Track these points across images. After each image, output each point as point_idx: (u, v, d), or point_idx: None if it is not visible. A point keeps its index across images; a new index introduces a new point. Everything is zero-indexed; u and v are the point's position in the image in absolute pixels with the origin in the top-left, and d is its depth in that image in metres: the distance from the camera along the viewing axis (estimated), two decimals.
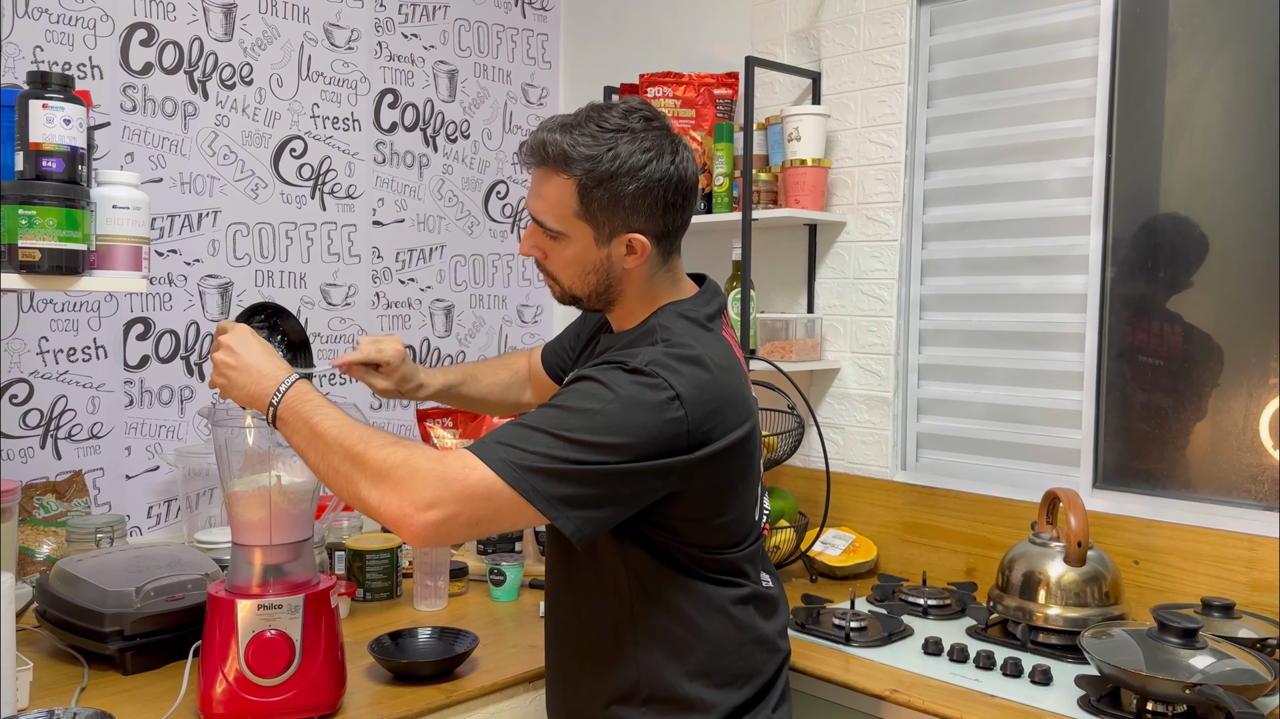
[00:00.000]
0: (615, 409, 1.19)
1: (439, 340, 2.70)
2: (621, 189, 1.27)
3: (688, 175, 1.32)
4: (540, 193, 1.32)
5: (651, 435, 1.19)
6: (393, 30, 2.56)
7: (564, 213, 1.31)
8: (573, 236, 1.32)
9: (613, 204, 1.28)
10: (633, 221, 1.30)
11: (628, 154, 1.27)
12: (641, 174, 1.28)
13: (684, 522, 1.29)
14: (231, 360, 1.33)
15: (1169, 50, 1.96)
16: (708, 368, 1.26)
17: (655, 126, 1.30)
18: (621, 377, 1.22)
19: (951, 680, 1.62)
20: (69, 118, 1.33)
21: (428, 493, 1.16)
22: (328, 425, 1.24)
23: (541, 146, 1.29)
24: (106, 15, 2.08)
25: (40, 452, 2.04)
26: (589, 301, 1.39)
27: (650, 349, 1.26)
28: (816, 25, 2.38)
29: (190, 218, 2.23)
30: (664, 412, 1.20)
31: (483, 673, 1.62)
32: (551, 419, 1.20)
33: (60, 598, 1.61)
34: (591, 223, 1.30)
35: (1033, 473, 2.13)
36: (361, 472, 1.20)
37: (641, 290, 1.37)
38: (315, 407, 1.27)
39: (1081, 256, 2.05)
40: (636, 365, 1.22)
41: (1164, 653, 1.50)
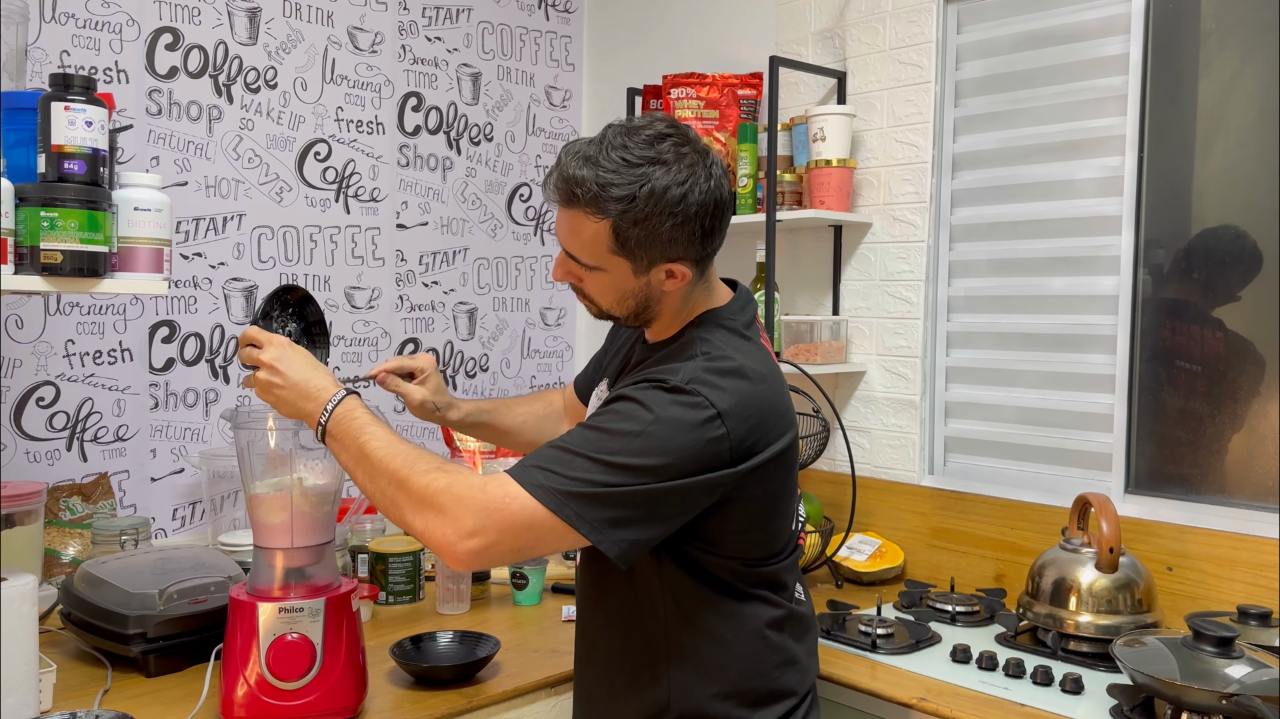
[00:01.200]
0: (655, 430, 1.18)
1: (462, 343, 2.69)
2: (658, 226, 1.24)
3: (723, 195, 1.29)
4: (573, 230, 1.28)
5: (693, 454, 1.18)
6: (416, 33, 2.56)
7: (598, 250, 1.27)
8: (609, 269, 1.29)
9: (650, 240, 1.25)
10: (671, 252, 1.27)
11: (662, 189, 1.23)
12: (679, 210, 1.24)
13: (729, 534, 1.28)
14: (277, 380, 1.30)
15: (1202, 47, 1.92)
16: (749, 379, 1.24)
17: (686, 152, 1.26)
18: (661, 396, 1.20)
19: (980, 689, 1.59)
20: (91, 120, 1.33)
21: (470, 521, 1.16)
22: (375, 446, 1.23)
23: (569, 187, 1.25)
24: (132, 20, 2.09)
25: (66, 454, 2.05)
26: (626, 321, 1.38)
27: (690, 364, 1.24)
28: (842, 24, 2.36)
29: (215, 221, 2.24)
30: (705, 430, 1.19)
31: (504, 677, 1.61)
32: (590, 442, 1.19)
33: (84, 600, 1.62)
34: (629, 258, 1.27)
35: (1063, 478, 2.09)
36: (406, 497, 1.20)
37: (679, 306, 1.36)
38: (363, 424, 1.26)
39: (1113, 257, 2.02)
40: (676, 384, 1.21)
41: (1199, 662, 1.47)
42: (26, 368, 1.99)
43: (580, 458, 1.18)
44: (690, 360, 1.26)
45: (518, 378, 2.82)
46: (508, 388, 2.79)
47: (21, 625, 1.34)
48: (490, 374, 2.76)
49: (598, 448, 1.18)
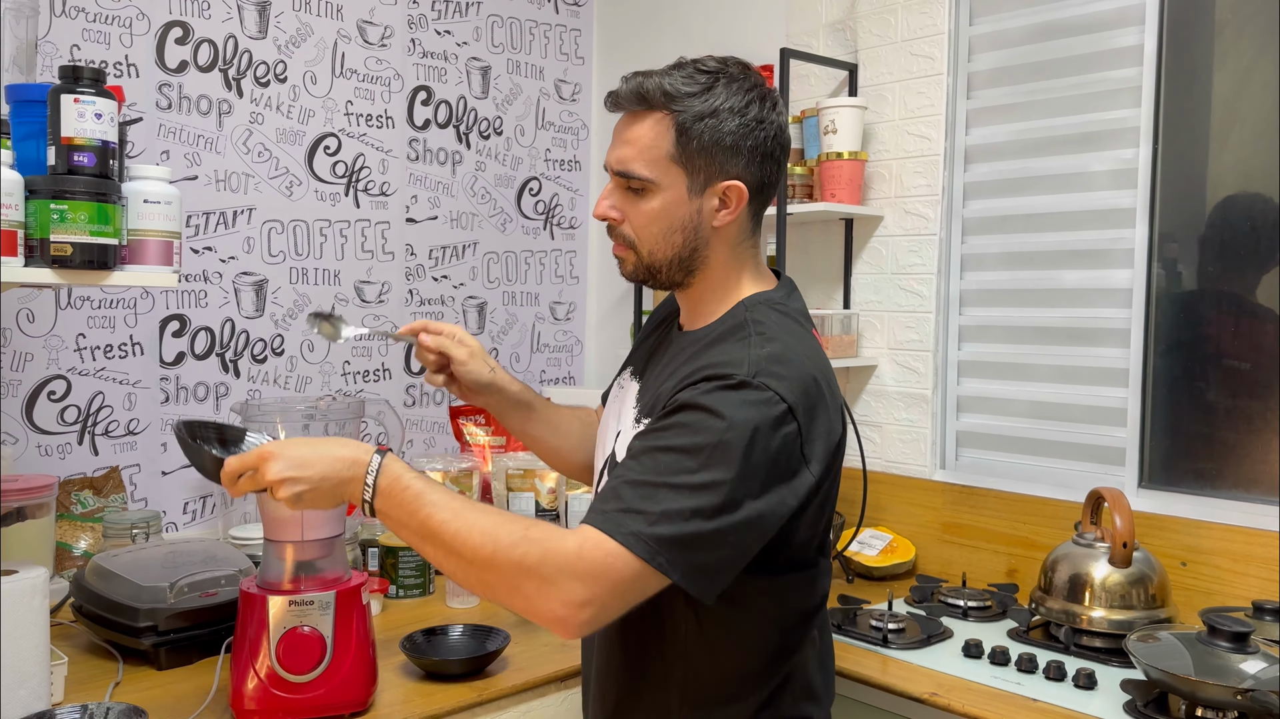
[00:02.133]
0: (734, 438, 1.08)
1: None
2: (722, 126, 1.19)
3: (784, 130, 1.25)
4: (630, 138, 1.22)
5: (773, 457, 1.10)
6: (426, 27, 2.55)
7: (657, 155, 1.20)
8: (664, 184, 1.21)
9: (714, 143, 1.19)
10: (731, 166, 1.20)
11: (728, 94, 1.19)
12: (745, 113, 1.19)
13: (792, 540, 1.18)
14: (301, 486, 1.16)
15: (1217, 39, 1.91)
16: (809, 370, 1.16)
17: (753, 76, 1.23)
18: (730, 396, 1.10)
19: (992, 684, 1.58)
20: (100, 112, 1.33)
21: (580, 591, 1.06)
22: (442, 519, 1.11)
23: (639, 86, 1.20)
24: (142, 14, 2.09)
25: (78, 448, 2.05)
26: (667, 272, 1.26)
27: (751, 353, 1.14)
28: (853, 16, 2.35)
29: (225, 215, 2.24)
30: (781, 427, 1.10)
31: (514, 671, 1.61)
32: (668, 466, 1.09)
33: (96, 593, 1.62)
34: (687, 166, 1.20)
35: (1076, 472, 2.08)
36: (498, 576, 1.09)
37: (726, 262, 1.26)
38: (417, 493, 1.13)
39: (1127, 250, 2.00)
40: (743, 378, 1.11)
41: (1214, 657, 1.46)
42: (38, 361, 2.00)
43: (661, 489, 1.07)
44: (748, 346, 1.16)
45: (527, 372, 2.81)
46: None
47: (33, 618, 1.34)
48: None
49: (678, 471, 1.08)
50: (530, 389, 1.53)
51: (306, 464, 1.16)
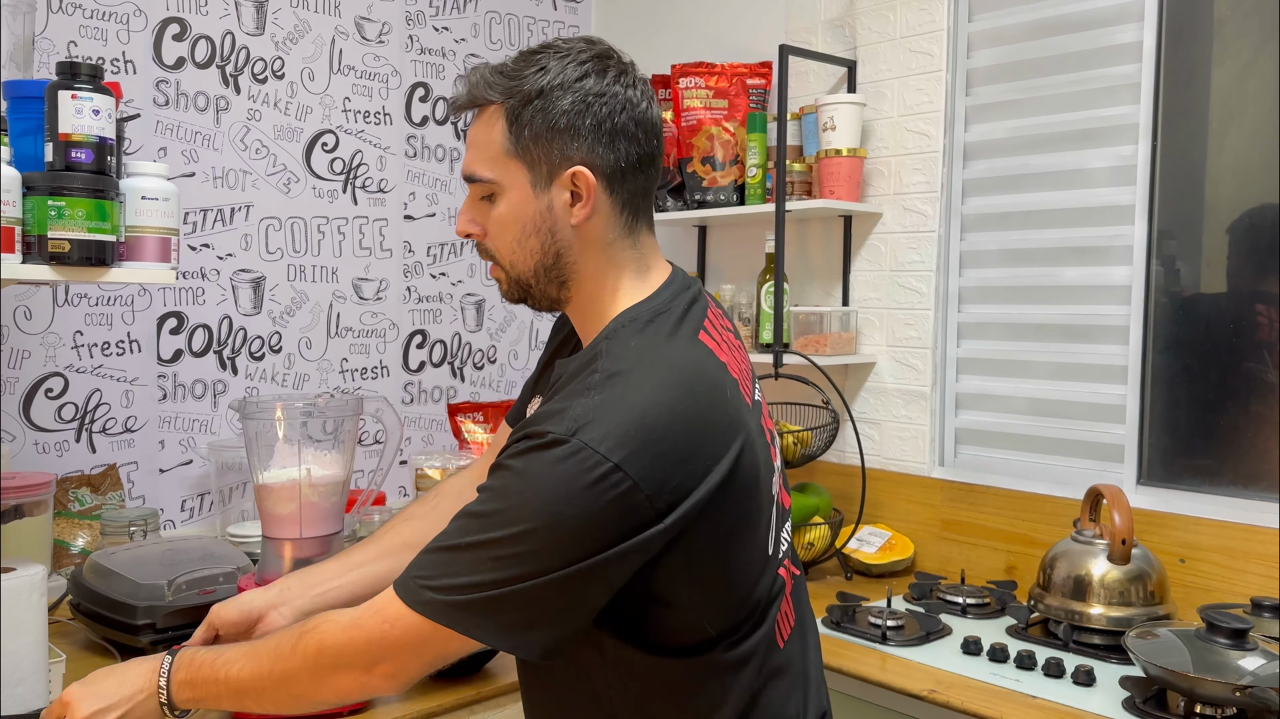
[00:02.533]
0: (541, 507, 0.95)
1: (470, 335, 2.69)
2: (553, 105, 1.05)
3: (636, 104, 1.08)
4: (473, 140, 1.10)
5: (600, 523, 0.95)
6: (423, 23, 2.55)
7: (494, 152, 1.07)
8: (506, 184, 1.08)
9: (547, 127, 1.05)
10: (573, 149, 1.06)
11: (558, 69, 1.06)
12: (577, 86, 1.05)
13: (681, 588, 1.02)
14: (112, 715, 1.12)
15: (1216, 35, 1.91)
16: (660, 402, 0.98)
17: (595, 47, 1.09)
18: (539, 458, 0.96)
19: (991, 681, 1.58)
20: (98, 108, 1.32)
21: (362, 657, 1.02)
22: (234, 672, 1.08)
23: (466, 83, 1.10)
24: (139, 10, 2.09)
25: (75, 445, 2.05)
26: (538, 286, 1.12)
27: (580, 400, 0.99)
28: (852, 12, 2.35)
29: (223, 212, 2.23)
30: (605, 491, 0.94)
31: (513, 668, 1.60)
32: (471, 531, 0.98)
33: (93, 590, 1.62)
34: (525, 158, 1.06)
35: (1075, 469, 2.08)
36: (301, 684, 1.06)
37: (599, 267, 1.10)
38: (204, 660, 1.11)
39: (1125, 247, 2.00)
40: (556, 436, 0.96)
41: (1212, 654, 1.46)
42: (35, 359, 1.99)
43: (464, 552, 0.98)
44: (583, 391, 1.00)
45: (526, 369, 2.81)
46: (515, 379, 2.78)
47: (31, 615, 1.34)
48: (499, 365, 2.75)
49: (479, 538, 0.97)
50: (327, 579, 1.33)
51: (107, 696, 1.13)
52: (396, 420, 1.58)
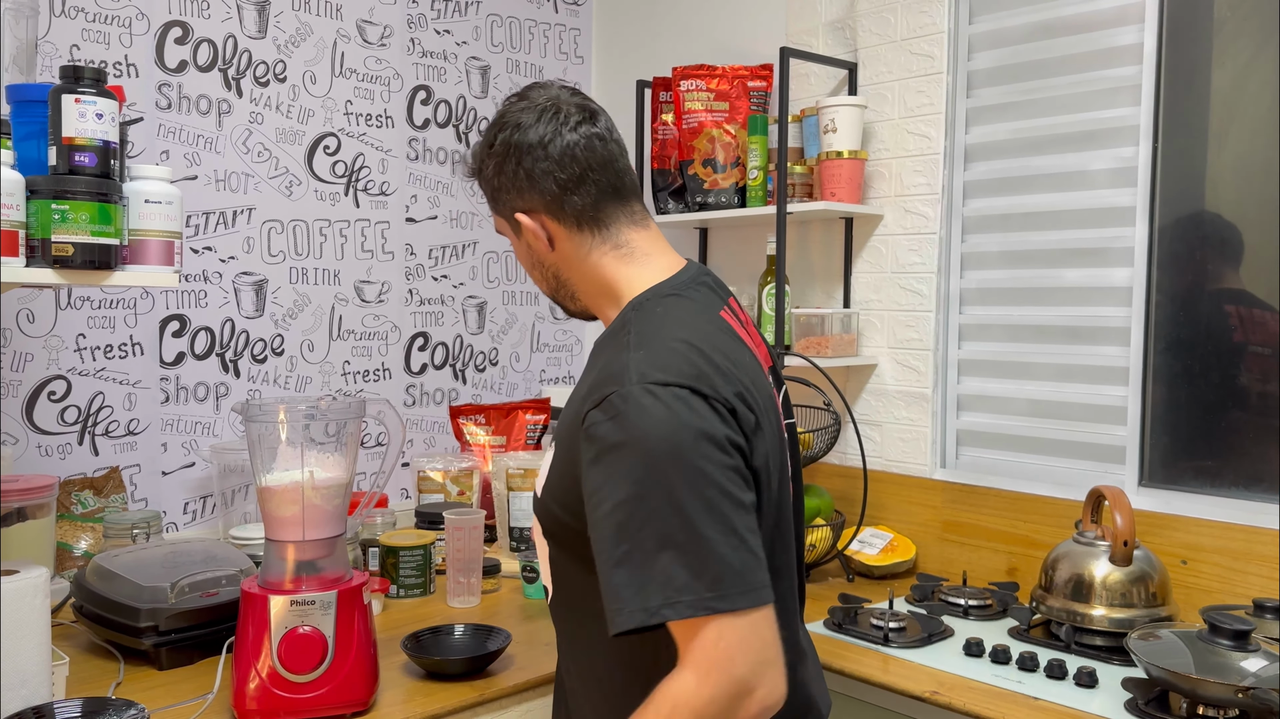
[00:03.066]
0: (663, 454, 1.01)
1: (472, 337, 2.69)
2: (488, 175, 1.26)
3: (547, 139, 1.20)
4: None
5: (706, 437, 1.03)
6: (425, 26, 2.55)
7: (490, 210, 1.36)
8: (505, 234, 1.31)
9: (491, 190, 1.27)
10: (511, 201, 1.24)
11: (484, 143, 1.26)
12: (494, 151, 1.24)
13: None
14: None
15: (1216, 37, 1.91)
16: (697, 332, 1.12)
17: (528, 106, 1.23)
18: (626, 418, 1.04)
19: (993, 682, 1.58)
20: (101, 112, 1.33)
21: (736, 692, 1.00)
22: None
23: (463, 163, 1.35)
24: (142, 14, 2.09)
25: (78, 448, 2.05)
26: (562, 302, 1.31)
27: (621, 358, 1.09)
28: (853, 15, 2.35)
29: (225, 215, 2.23)
30: (694, 412, 1.04)
31: (516, 671, 1.61)
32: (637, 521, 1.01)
33: (96, 593, 1.62)
34: (500, 215, 1.28)
35: (1076, 470, 2.08)
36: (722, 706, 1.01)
37: (591, 274, 1.24)
38: None
39: (1127, 249, 2.00)
40: (624, 391, 1.05)
41: (1214, 655, 1.46)
42: (38, 362, 2.00)
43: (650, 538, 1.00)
44: (622, 350, 1.11)
45: (527, 372, 2.81)
46: (517, 381, 2.79)
47: (34, 618, 1.34)
48: (500, 368, 2.75)
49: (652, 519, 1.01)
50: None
51: None
52: (399, 423, 1.58)
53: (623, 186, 1.25)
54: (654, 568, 1.00)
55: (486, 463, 2.41)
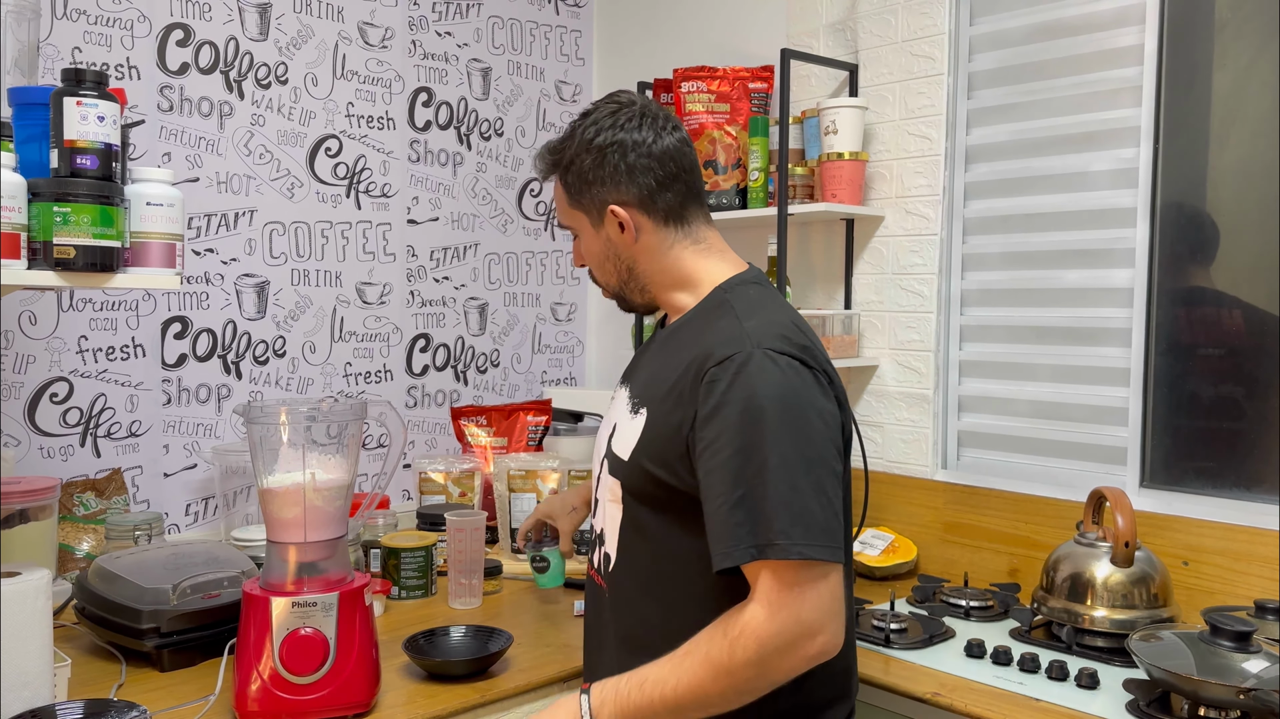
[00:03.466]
0: (778, 412, 1.17)
1: (473, 339, 2.69)
2: (583, 165, 1.35)
3: (649, 141, 1.34)
4: (555, 196, 1.44)
5: (812, 402, 1.20)
6: (426, 28, 2.55)
7: (564, 206, 1.41)
8: (579, 228, 1.40)
9: (583, 183, 1.36)
10: (605, 194, 1.35)
11: (583, 134, 1.35)
12: (594, 145, 1.34)
13: None
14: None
15: (1217, 38, 1.91)
16: (794, 319, 1.29)
17: (615, 108, 1.36)
18: (744, 377, 1.18)
19: (995, 684, 1.58)
20: (103, 115, 1.33)
21: (800, 632, 1.15)
22: (670, 691, 1.18)
23: (537, 159, 1.42)
24: (144, 16, 2.10)
25: (80, 450, 2.05)
26: (627, 295, 1.42)
27: (730, 326, 1.24)
28: (853, 16, 2.35)
29: (227, 217, 2.24)
30: (804, 378, 1.20)
31: (517, 672, 1.61)
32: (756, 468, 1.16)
33: (98, 595, 1.62)
34: (582, 208, 1.38)
35: (1078, 471, 2.08)
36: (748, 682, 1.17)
37: (668, 268, 1.38)
38: (626, 698, 1.21)
39: (1128, 250, 2.00)
40: (742, 352, 1.20)
41: (1216, 656, 1.46)
42: (40, 364, 2.00)
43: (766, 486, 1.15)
44: (728, 321, 1.26)
45: (529, 373, 2.82)
46: (519, 383, 2.79)
47: (36, 620, 1.34)
48: (501, 369, 2.76)
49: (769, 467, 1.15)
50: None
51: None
52: (400, 424, 1.58)
53: (702, 190, 1.40)
54: (762, 512, 1.15)
55: (488, 464, 2.41)
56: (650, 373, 1.35)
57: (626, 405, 1.37)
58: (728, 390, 1.19)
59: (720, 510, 1.17)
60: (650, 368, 1.37)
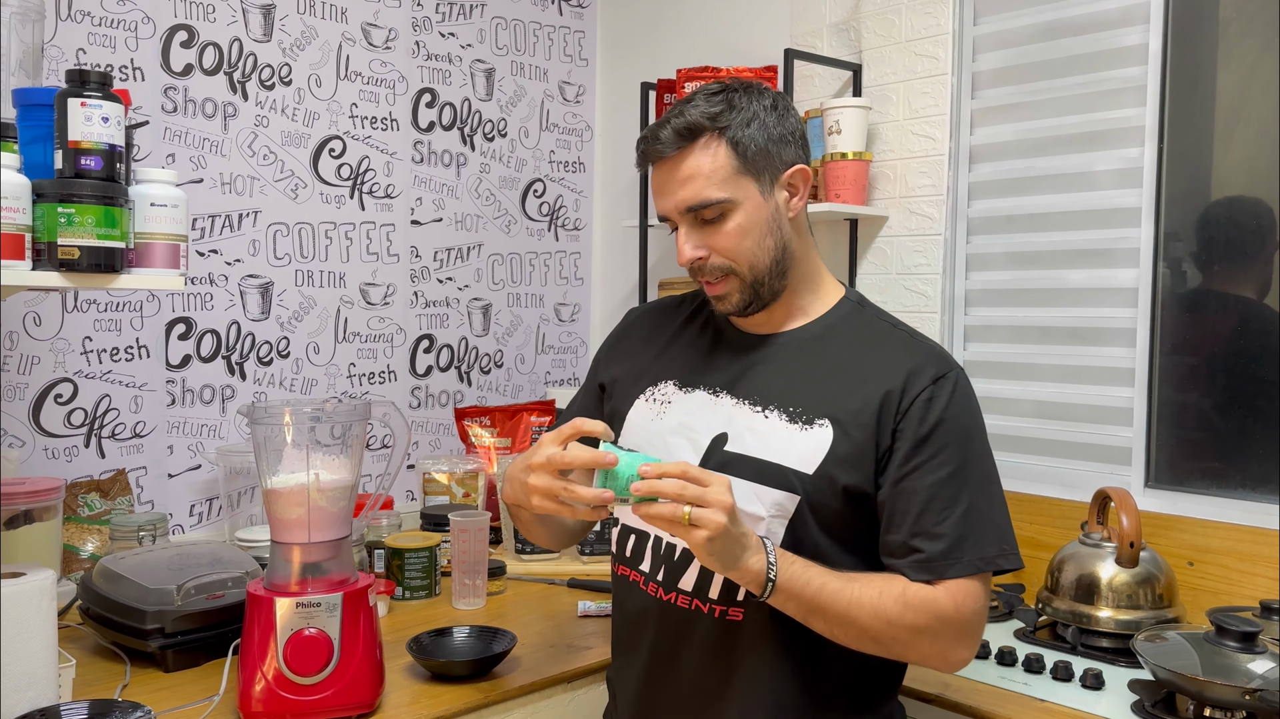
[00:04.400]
0: (979, 426, 1.29)
1: (477, 339, 2.69)
2: (765, 124, 1.28)
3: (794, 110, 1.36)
4: (688, 173, 1.27)
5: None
6: (430, 29, 2.56)
7: (725, 174, 1.27)
8: (740, 199, 1.27)
9: (767, 141, 1.28)
10: (787, 155, 1.30)
11: (749, 99, 1.29)
12: (774, 109, 1.30)
13: None
14: (733, 529, 1.15)
15: (1222, 37, 1.91)
16: None
17: (762, 87, 1.34)
18: (958, 393, 1.27)
19: (1000, 684, 1.58)
20: (107, 115, 1.33)
21: (961, 632, 1.25)
22: (830, 593, 1.20)
23: (677, 124, 1.27)
24: (148, 18, 2.10)
25: (84, 450, 2.06)
26: (769, 283, 1.31)
27: (922, 345, 1.32)
28: (857, 16, 2.35)
29: (231, 218, 2.24)
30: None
31: (521, 672, 1.61)
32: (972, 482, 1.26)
33: (103, 595, 1.62)
34: (753, 172, 1.28)
35: (1082, 472, 2.08)
36: (893, 635, 1.22)
37: (805, 251, 1.36)
38: (810, 576, 1.21)
39: (1132, 249, 2.00)
40: (954, 372, 1.28)
41: (1221, 657, 1.45)
42: (44, 365, 2.00)
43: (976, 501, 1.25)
44: (907, 338, 1.33)
45: (532, 374, 2.82)
46: (522, 383, 2.79)
47: (41, 620, 1.34)
48: (505, 370, 2.76)
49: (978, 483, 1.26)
50: None
51: (736, 518, 1.17)
52: (404, 425, 1.58)
53: None
54: (982, 527, 1.24)
55: (491, 465, 2.41)
56: (806, 384, 1.31)
57: (776, 416, 1.30)
58: (946, 408, 1.25)
59: (944, 523, 1.23)
60: (792, 378, 1.32)
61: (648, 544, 1.38)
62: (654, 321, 1.52)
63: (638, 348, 1.50)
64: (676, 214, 1.30)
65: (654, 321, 1.52)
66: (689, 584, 1.33)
